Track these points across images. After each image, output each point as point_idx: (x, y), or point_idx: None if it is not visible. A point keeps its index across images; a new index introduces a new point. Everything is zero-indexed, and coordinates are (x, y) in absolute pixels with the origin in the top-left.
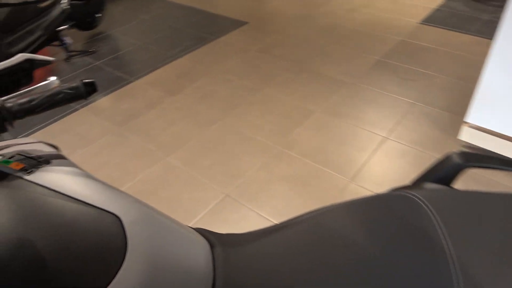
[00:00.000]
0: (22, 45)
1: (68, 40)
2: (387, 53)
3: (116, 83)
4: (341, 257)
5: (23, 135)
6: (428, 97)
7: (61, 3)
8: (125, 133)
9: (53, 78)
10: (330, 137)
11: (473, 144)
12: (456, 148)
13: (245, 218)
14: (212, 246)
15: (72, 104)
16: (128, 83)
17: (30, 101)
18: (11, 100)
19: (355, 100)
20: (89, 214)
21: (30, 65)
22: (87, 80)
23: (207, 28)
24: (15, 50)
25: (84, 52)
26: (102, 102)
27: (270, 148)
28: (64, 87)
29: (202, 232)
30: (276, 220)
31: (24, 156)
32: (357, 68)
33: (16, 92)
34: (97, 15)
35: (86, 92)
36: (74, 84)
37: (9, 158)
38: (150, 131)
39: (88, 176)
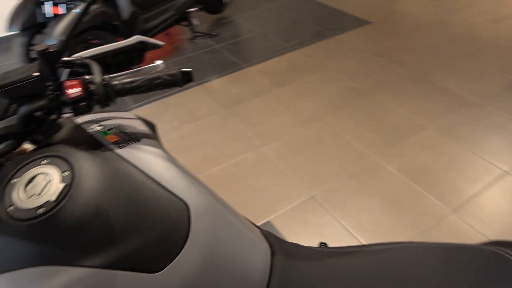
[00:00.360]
0: (156, 22)
1: (195, 21)
2: None
3: (230, 67)
4: None
5: (143, 102)
6: None
7: None
8: (229, 116)
9: (159, 62)
10: (438, 158)
11: None
12: None
13: (325, 225)
14: (273, 253)
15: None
16: (240, 69)
17: (132, 82)
18: (118, 78)
19: (477, 123)
20: (162, 196)
21: (143, 46)
22: (185, 69)
23: (328, 24)
24: (150, 26)
25: (207, 34)
26: (215, 84)
27: (367, 157)
28: (163, 73)
29: (268, 235)
30: (358, 236)
31: (120, 131)
32: (487, 87)
33: (127, 70)
34: (224, 1)
35: (182, 80)
36: (172, 71)
37: (108, 130)
38: (252, 119)
39: (170, 160)
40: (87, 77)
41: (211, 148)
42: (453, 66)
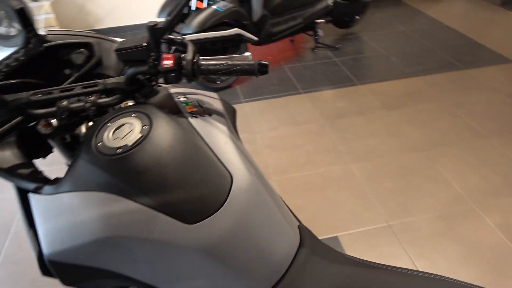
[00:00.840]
0: (282, 27)
1: (320, 32)
2: None
3: (342, 82)
4: None
5: (252, 98)
6: None
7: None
8: (327, 127)
9: (248, 54)
10: None
11: None
12: None
13: (394, 257)
14: (301, 246)
15: (297, 87)
16: (352, 85)
17: (216, 65)
18: (206, 60)
19: None
20: (213, 164)
21: (239, 39)
22: (262, 62)
23: (461, 56)
24: (276, 30)
25: (329, 47)
26: (323, 94)
27: (465, 202)
28: (244, 62)
29: (303, 230)
30: None
31: (198, 104)
32: None
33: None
34: (356, 17)
35: (258, 71)
36: (251, 62)
37: (189, 101)
38: (348, 134)
39: (230, 137)
40: (183, 55)
41: (301, 154)
42: None
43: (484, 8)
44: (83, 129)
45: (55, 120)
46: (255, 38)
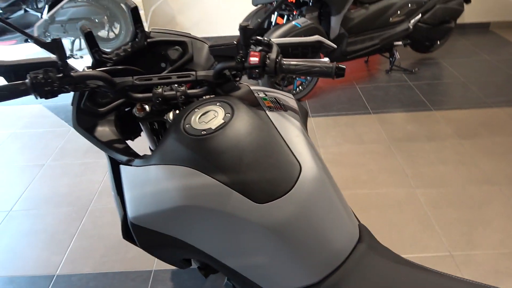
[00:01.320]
0: (358, 47)
1: (397, 55)
2: None
3: (414, 106)
4: None
5: (318, 114)
6: None
7: (409, 22)
8: (394, 149)
9: (326, 59)
10: None
11: None
12: None
13: None
14: (359, 241)
15: (367, 107)
16: (426, 110)
17: (296, 65)
18: (287, 61)
19: None
20: (284, 152)
21: (319, 45)
22: (340, 65)
23: None
24: (352, 49)
25: (405, 70)
26: (393, 116)
27: None
28: (322, 64)
29: (363, 228)
30: None
31: (276, 100)
32: None
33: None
34: (437, 42)
35: (335, 73)
36: (330, 65)
37: (268, 97)
38: (416, 159)
39: (301, 131)
40: (267, 54)
41: (364, 172)
42: None
43: None
44: (170, 116)
45: (147, 106)
46: (335, 46)
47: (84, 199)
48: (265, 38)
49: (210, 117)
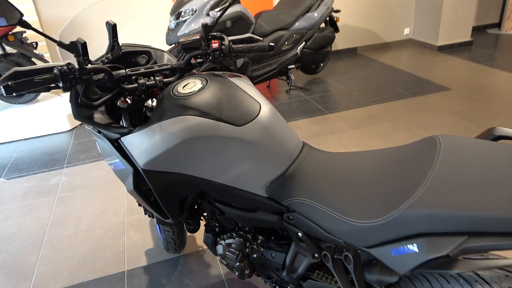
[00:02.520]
0: (260, 72)
1: (292, 76)
2: None
3: (314, 112)
4: (366, 163)
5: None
6: None
7: (297, 48)
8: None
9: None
10: None
11: None
12: None
13: None
14: (303, 146)
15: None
16: (323, 114)
17: (241, 47)
18: (237, 46)
19: None
20: (246, 95)
21: (250, 40)
22: (271, 44)
23: (410, 88)
24: (255, 74)
25: (301, 88)
26: (299, 122)
27: None
28: (259, 44)
29: (304, 143)
30: None
31: (232, 74)
32: None
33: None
34: (321, 64)
35: (268, 48)
36: (264, 44)
37: (226, 73)
38: (324, 148)
39: (253, 87)
40: (223, 42)
41: None
42: None
43: (425, 54)
44: (149, 102)
45: (129, 100)
46: (261, 38)
47: (36, 233)
48: (218, 33)
49: (191, 85)
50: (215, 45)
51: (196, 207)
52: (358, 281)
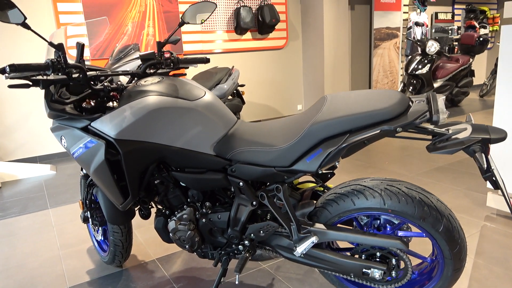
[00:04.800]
0: None
1: None
2: None
3: None
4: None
5: None
6: None
7: None
8: None
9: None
10: None
11: None
12: None
13: None
14: (237, 119)
15: None
16: None
17: (185, 59)
18: (181, 58)
19: None
20: (192, 84)
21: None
22: (207, 57)
23: None
24: None
25: None
26: None
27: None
28: (199, 57)
29: (238, 118)
30: None
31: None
32: (414, 169)
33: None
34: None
35: (206, 61)
36: (202, 57)
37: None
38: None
39: (195, 82)
40: (172, 54)
41: None
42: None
43: None
44: (110, 104)
45: (92, 102)
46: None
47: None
48: (167, 50)
49: (150, 80)
50: (167, 55)
51: (150, 189)
52: (289, 206)
